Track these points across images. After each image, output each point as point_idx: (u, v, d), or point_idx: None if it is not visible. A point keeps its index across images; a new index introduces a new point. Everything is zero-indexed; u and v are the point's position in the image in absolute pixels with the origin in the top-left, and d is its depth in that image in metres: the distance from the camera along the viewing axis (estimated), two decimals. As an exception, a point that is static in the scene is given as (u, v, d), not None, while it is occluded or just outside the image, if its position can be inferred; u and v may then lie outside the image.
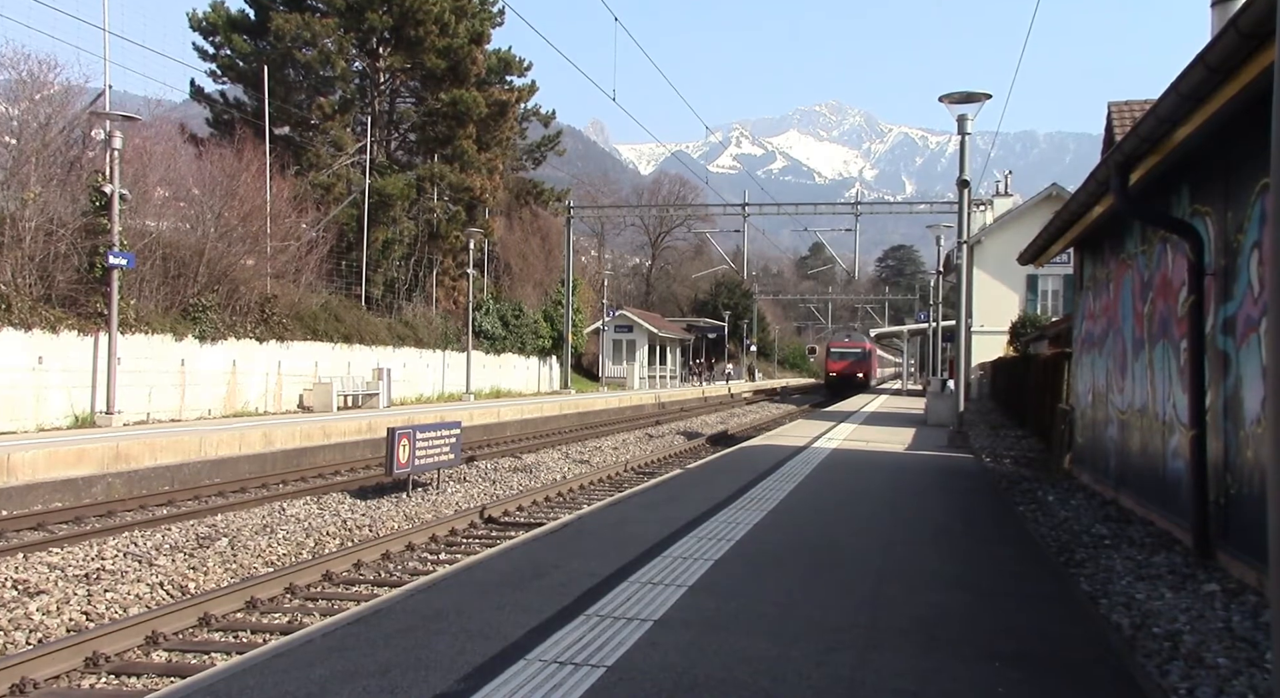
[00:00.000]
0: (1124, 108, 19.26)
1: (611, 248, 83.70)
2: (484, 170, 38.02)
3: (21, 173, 19.64)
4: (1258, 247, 6.65)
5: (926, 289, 60.48)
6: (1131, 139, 7.78)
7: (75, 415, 18.59)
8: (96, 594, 8.24)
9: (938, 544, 7.85)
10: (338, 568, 9.35)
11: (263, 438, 17.94)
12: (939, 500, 10.54)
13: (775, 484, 11.31)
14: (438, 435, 14.81)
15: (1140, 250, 10.23)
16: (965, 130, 17.44)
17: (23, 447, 14.00)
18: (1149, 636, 5.74)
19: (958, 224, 19.87)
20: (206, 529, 11.31)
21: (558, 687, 4.16)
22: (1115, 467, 11.21)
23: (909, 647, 4.87)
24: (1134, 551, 8.29)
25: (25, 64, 21.02)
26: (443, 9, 34.67)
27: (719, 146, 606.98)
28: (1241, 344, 6.94)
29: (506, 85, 40.46)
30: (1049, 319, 32.10)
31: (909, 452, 16.57)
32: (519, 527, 12.00)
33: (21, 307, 17.71)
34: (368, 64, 36.75)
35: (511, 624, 5.12)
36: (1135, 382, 10.25)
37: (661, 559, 6.85)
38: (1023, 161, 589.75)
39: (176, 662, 6.69)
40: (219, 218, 24.14)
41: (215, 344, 22.71)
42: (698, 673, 4.37)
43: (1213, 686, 4.79)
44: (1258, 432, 6.55)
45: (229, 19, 34.42)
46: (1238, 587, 6.71)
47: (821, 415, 26.90)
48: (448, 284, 39.42)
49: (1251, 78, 5.66)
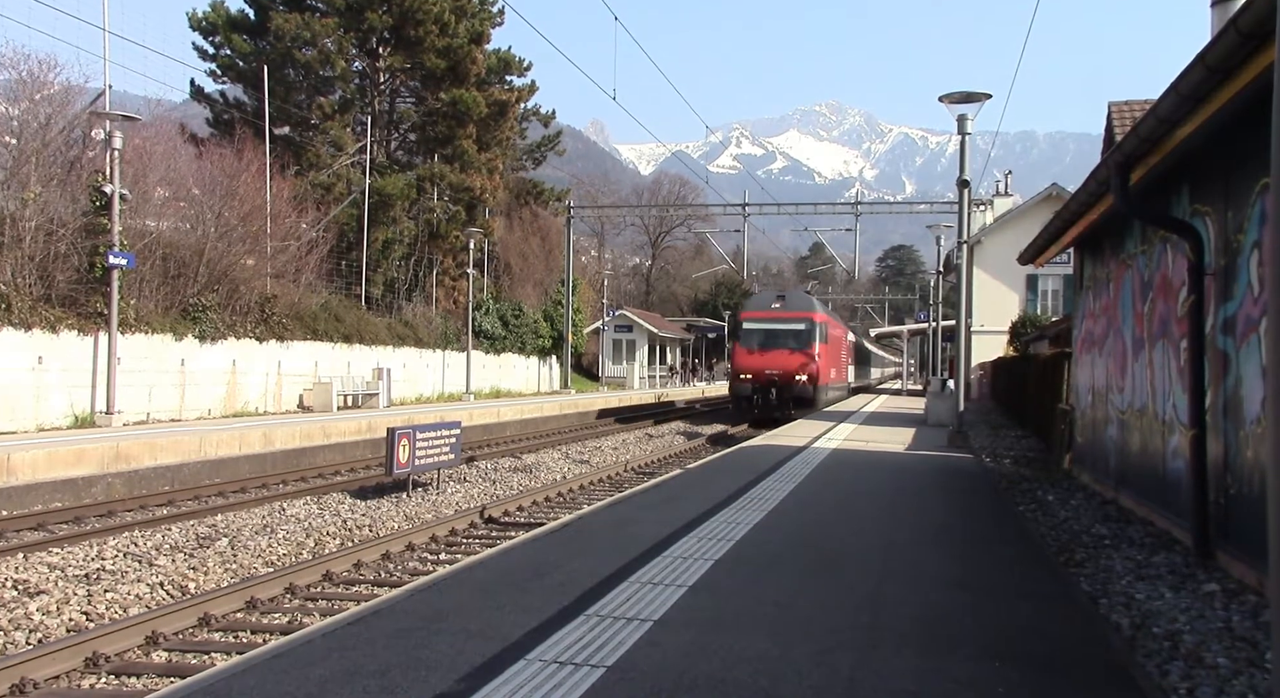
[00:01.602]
0: (1124, 108, 19.25)
1: (611, 248, 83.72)
2: (484, 170, 38.01)
3: (21, 173, 19.63)
4: (1258, 246, 6.65)
5: (926, 289, 59.92)
6: (1131, 139, 7.78)
7: (75, 415, 18.59)
8: (96, 594, 8.23)
9: (938, 544, 7.85)
10: (338, 568, 9.35)
11: (263, 438, 17.93)
12: (939, 500, 10.54)
13: (775, 484, 11.30)
14: (438, 435, 14.81)
15: (1140, 250, 10.22)
16: (965, 130, 17.44)
17: (23, 447, 14.00)
18: (1149, 636, 5.73)
19: (958, 224, 19.87)
20: (206, 529, 11.31)
21: (558, 687, 4.16)
22: (1115, 467, 11.21)
23: (909, 647, 4.87)
24: (1134, 550, 8.29)
25: (25, 64, 21.03)
26: (443, 9, 34.66)
27: (719, 146, 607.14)
28: (1241, 344, 6.94)
29: (506, 85, 40.45)
30: (1049, 319, 32.11)
31: (909, 452, 16.57)
32: (519, 527, 12.00)
33: (21, 307, 17.71)
34: (368, 64, 36.74)
35: (511, 624, 5.12)
36: (1135, 382, 10.25)
37: (662, 559, 6.85)
38: (1023, 162, 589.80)
39: (176, 662, 6.69)
40: (219, 218, 24.13)
41: (215, 344, 22.71)
42: (698, 673, 4.37)
43: (1213, 686, 4.78)
44: (1258, 432, 6.55)
45: (229, 19, 34.42)
46: (1238, 587, 6.71)
47: (822, 415, 26.86)
48: (448, 284, 39.41)
49: (1251, 78, 5.65)
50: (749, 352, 29.24)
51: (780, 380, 28.37)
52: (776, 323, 29.68)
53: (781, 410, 27.87)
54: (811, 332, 29.32)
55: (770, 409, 28.30)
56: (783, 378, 28.39)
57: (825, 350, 30.35)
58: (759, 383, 28.52)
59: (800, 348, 28.90)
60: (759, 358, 28.91)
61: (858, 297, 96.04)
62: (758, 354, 28.99)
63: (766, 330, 29.67)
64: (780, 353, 28.81)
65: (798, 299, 31.85)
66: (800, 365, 28.51)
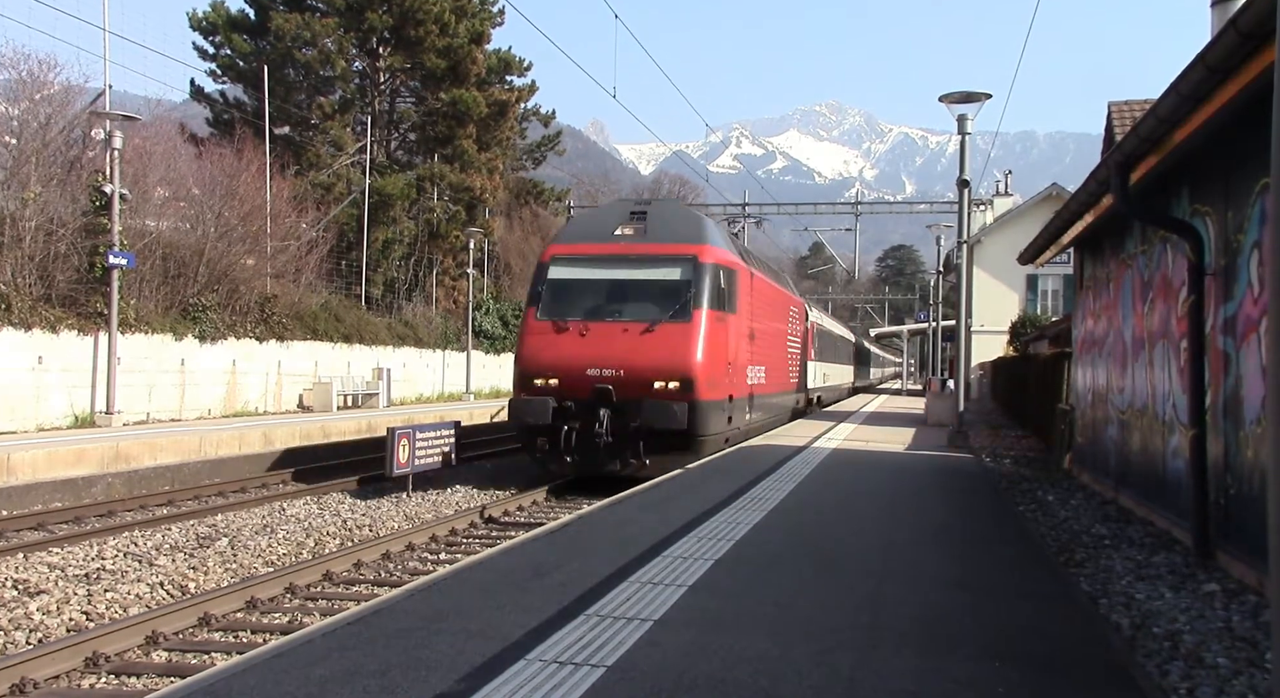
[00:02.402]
0: (1124, 108, 19.25)
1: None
2: (484, 170, 38.02)
3: (21, 173, 19.64)
4: (1258, 246, 6.65)
5: (926, 289, 59.79)
6: (1131, 139, 7.78)
7: (75, 415, 18.59)
8: (96, 594, 8.23)
9: (938, 544, 7.85)
10: (338, 568, 9.36)
11: (263, 438, 17.94)
12: (939, 500, 10.54)
13: (775, 484, 11.30)
14: (438, 435, 14.80)
15: (1140, 250, 10.22)
16: (965, 130, 17.44)
17: (23, 447, 14.00)
18: (1149, 636, 5.74)
19: (958, 224, 19.87)
20: (206, 529, 11.31)
21: (558, 687, 4.16)
22: (1115, 466, 11.21)
23: (909, 647, 4.87)
24: (1134, 550, 8.29)
25: (25, 64, 21.05)
26: (443, 9, 34.67)
27: (719, 146, 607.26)
28: (1241, 344, 6.94)
29: (506, 85, 40.45)
30: (1049, 319, 32.11)
31: (909, 451, 16.57)
32: (519, 527, 11.99)
33: (21, 306, 17.71)
34: (368, 64, 36.75)
35: (512, 624, 5.12)
36: (1135, 382, 10.25)
37: (662, 559, 6.85)
38: (1023, 161, 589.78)
39: (176, 662, 6.69)
40: (219, 218, 24.14)
41: (215, 344, 22.71)
42: (698, 673, 4.37)
43: (1213, 686, 4.79)
44: (1258, 432, 6.55)
45: (229, 19, 34.43)
46: (1238, 587, 6.71)
47: (822, 416, 26.82)
48: (448, 284, 39.42)
49: (1251, 78, 5.65)
50: (556, 329, 14.34)
51: (620, 390, 13.75)
52: (621, 268, 14.90)
53: (623, 455, 13.90)
54: (697, 284, 14.35)
55: (600, 456, 13.90)
56: (625, 384, 13.79)
57: (733, 329, 15.41)
58: (573, 396, 13.92)
59: (670, 317, 14.18)
60: (575, 344, 14.20)
61: (858, 297, 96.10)
62: (572, 337, 14.25)
63: (597, 284, 14.93)
64: (623, 332, 14.19)
65: (672, 218, 15.71)
66: (668, 358, 13.93)
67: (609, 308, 14.60)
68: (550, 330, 14.35)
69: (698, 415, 13.75)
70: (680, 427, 13.44)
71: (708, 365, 14.15)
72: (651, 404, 13.45)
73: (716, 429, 14.81)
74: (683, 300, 14.29)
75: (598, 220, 16.31)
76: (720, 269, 14.93)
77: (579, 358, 13.98)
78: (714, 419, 14.55)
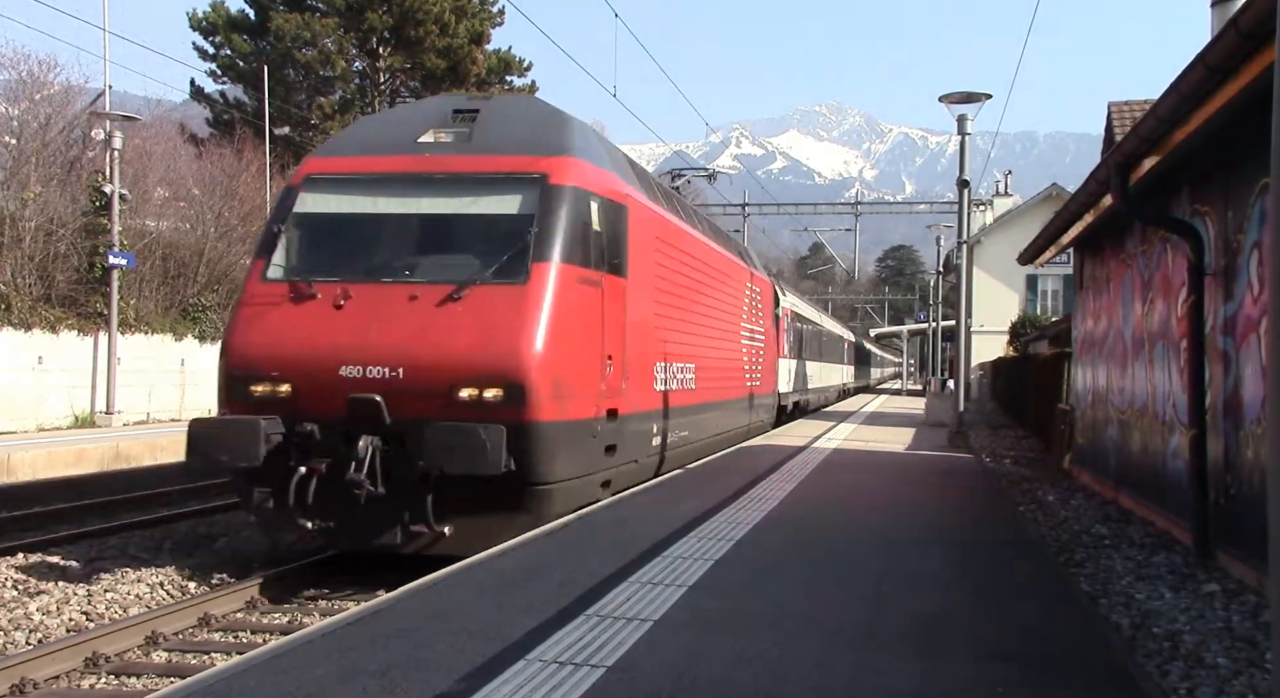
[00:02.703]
0: (1124, 108, 19.25)
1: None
2: (484, 170, 38.00)
3: (21, 173, 19.64)
4: (1258, 247, 6.65)
5: (926, 289, 59.75)
6: (1131, 139, 7.78)
7: (75, 415, 18.59)
8: (96, 594, 8.22)
9: (938, 544, 7.84)
10: (338, 568, 9.32)
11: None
12: (939, 500, 10.53)
13: (775, 484, 11.30)
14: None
15: (1140, 250, 10.22)
16: (965, 130, 17.45)
17: (22, 446, 14.00)
18: (1149, 636, 5.74)
19: (958, 224, 19.87)
20: (207, 529, 11.30)
21: (558, 687, 4.16)
22: (1115, 467, 11.21)
23: (909, 647, 4.86)
24: (1134, 550, 8.29)
25: (25, 64, 21.10)
26: (443, 9, 34.68)
27: (719, 146, 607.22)
28: (1241, 344, 6.94)
29: (507, 85, 40.45)
30: (1049, 319, 32.11)
31: (909, 451, 16.57)
32: None
33: (21, 307, 17.72)
34: (368, 64, 36.76)
35: (511, 624, 5.12)
36: (1135, 382, 10.25)
37: (662, 559, 6.85)
38: (1023, 161, 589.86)
39: (176, 662, 6.69)
40: (219, 218, 24.16)
41: (215, 344, 22.69)
42: (698, 673, 4.37)
43: (1213, 686, 4.79)
44: (1258, 432, 6.55)
45: (229, 19, 34.44)
46: (1238, 587, 6.71)
47: (822, 416, 26.80)
48: (448, 284, 39.40)
49: (1251, 78, 5.65)
50: (294, 299, 8.20)
51: (398, 404, 7.60)
52: (421, 194, 8.78)
53: (403, 518, 7.77)
54: (545, 220, 8.20)
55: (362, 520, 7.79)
56: (406, 395, 7.62)
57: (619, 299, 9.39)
58: (316, 414, 7.82)
59: (492, 276, 8.05)
60: (324, 324, 7.97)
61: (858, 297, 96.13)
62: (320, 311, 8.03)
63: (375, 221, 8.86)
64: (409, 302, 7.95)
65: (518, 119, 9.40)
66: (479, 345, 7.73)
67: (392, 263, 8.50)
68: (284, 300, 8.22)
69: (535, 447, 7.73)
70: (493, 469, 7.29)
71: (557, 356, 8.00)
72: (443, 429, 7.34)
73: (577, 469, 8.56)
74: (517, 247, 8.09)
75: (397, 123, 9.86)
76: (594, 199, 8.82)
77: (327, 347, 7.86)
78: (569, 453, 8.32)
